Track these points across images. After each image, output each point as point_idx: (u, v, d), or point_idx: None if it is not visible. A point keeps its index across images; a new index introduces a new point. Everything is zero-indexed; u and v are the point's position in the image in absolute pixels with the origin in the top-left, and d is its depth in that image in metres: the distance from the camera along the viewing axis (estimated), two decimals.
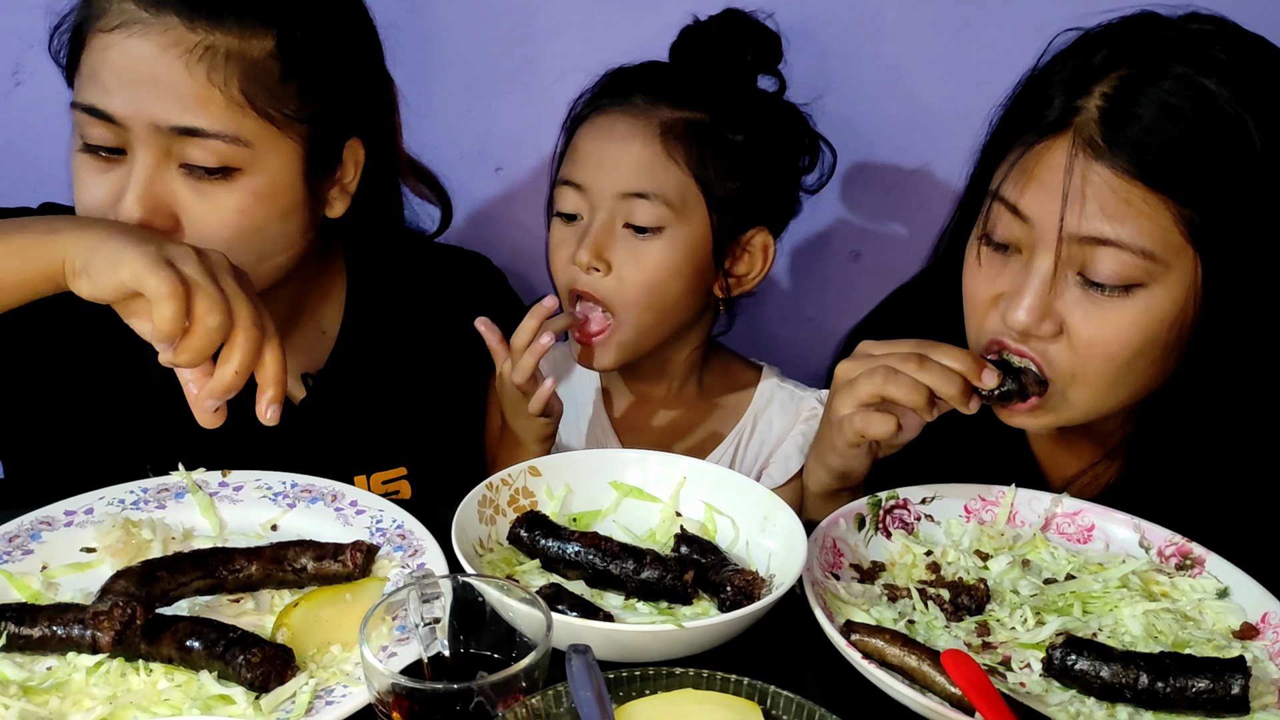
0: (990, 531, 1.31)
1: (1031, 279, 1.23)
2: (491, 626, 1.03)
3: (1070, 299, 1.23)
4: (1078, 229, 1.19)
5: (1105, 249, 1.19)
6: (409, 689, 0.93)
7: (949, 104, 1.87)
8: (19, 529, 1.22)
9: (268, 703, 1.01)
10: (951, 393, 1.22)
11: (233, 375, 1.12)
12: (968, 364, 1.23)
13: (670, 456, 1.36)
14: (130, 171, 1.30)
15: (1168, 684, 1.04)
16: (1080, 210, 1.19)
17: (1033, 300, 1.23)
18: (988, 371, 1.24)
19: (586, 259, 1.49)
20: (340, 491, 1.32)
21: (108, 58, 1.29)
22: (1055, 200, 1.20)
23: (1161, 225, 1.17)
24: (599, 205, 1.50)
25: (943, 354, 1.23)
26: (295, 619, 1.09)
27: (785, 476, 1.58)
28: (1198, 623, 1.18)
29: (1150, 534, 1.28)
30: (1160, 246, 1.18)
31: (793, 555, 1.18)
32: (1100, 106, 1.19)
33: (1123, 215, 1.17)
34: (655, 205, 1.48)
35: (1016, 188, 1.24)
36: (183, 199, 1.31)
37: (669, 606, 1.18)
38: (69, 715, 1.00)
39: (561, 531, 1.22)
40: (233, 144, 1.30)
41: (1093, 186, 1.18)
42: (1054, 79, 1.24)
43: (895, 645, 1.07)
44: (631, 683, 0.96)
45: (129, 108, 1.28)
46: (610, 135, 1.50)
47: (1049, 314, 1.23)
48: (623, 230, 1.50)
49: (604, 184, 1.49)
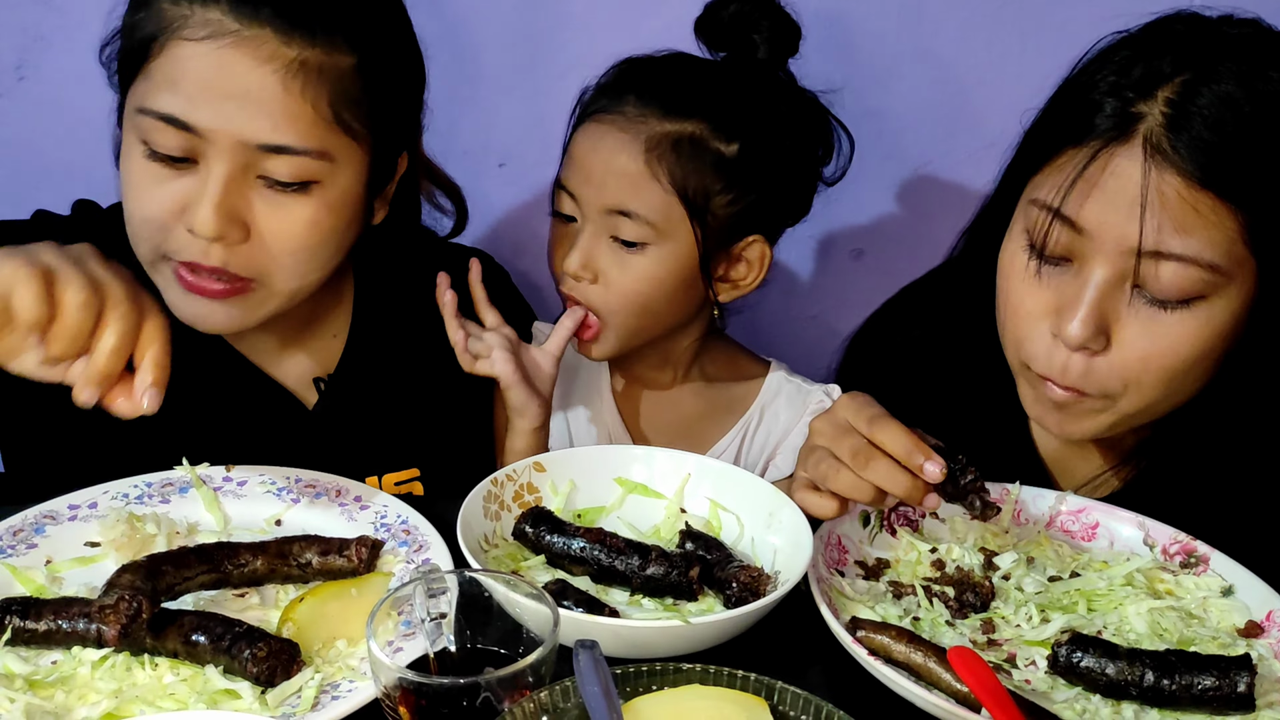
0: (995, 529, 1.31)
1: (1087, 291, 1.20)
2: (498, 622, 1.03)
3: (1125, 313, 1.20)
4: (1153, 244, 1.15)
5: (1172, 263, 1.15)
6: (416, 684, 0.93)
7: (952, 102, 1.87)
8: (23, 523, 1.22)
9: (274, 697, 1.01)
10: (898, 491, 1.15)
11: (106, 356, 1.06)
12: (910, 452, 1.15)
13: (675, 453, 1.36)
14: (205, 182, 1.27)
15: (1173, 681, 1.04)
16: (1154, 222, 1.15)
17: (1088, 313, 1.19)
18: (929, 464, 1.15)
19: (575, 268, 1.52)
20: (344, 487, 1.32)
21: (192, 67, 1.25)
22: (1117, 211, 1.16)
23: (1227, 235, 1.15)
24: (588, 216, 1.52)
25: (890, 437, 1.15)
26: (301, 614, 1.09)
27: (792, 467, 1.58)
28: (1202, 621, 1.18)
29: (1154, 532, 1.28)
30: (1225, 258, 1.15)
31: (798, 552, 1.18)
32: (1165, 112, 1.15)
33: (1191, 226, 1.14)
34: (638, 224, 1.49)
35: (1076, 199, 1.19)
36: (256, 210, 1.29)
37: (674, 603, 1.18)
38: (74, 709, 1.00)
39: (566, 527, 1.22)
40: (318, 160, 1.29)
41: (1164, 197, 1.14)
42: (1099, 83, 1.20)
43: (901, 642, 1.07)
44: (638, 678, 0.96)
45: (216, 121, 1.25)
46: (598, 148, 1.50)
47: (1104, 328, 1.20)
48: (609, 241, 1.52)
49: (592, 197, 1.51)
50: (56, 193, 1.56)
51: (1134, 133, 1.16)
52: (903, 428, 1.17)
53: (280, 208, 1.30)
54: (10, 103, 1.83)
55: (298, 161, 1.28)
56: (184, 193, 1.28)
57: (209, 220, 1.26)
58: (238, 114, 1.25)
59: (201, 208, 1.26)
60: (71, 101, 1.79)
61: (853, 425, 1.18)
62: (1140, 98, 1.17)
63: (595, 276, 1.52)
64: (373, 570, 1.18)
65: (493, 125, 1.91)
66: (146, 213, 1.30)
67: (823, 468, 1.19)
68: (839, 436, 1.19)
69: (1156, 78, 1.17)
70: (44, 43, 1.81)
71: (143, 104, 1.27)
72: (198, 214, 1.26)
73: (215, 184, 1.26)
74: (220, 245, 1.29)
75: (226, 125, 1.25)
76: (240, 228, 1.29)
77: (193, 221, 1.27)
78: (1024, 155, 1.30)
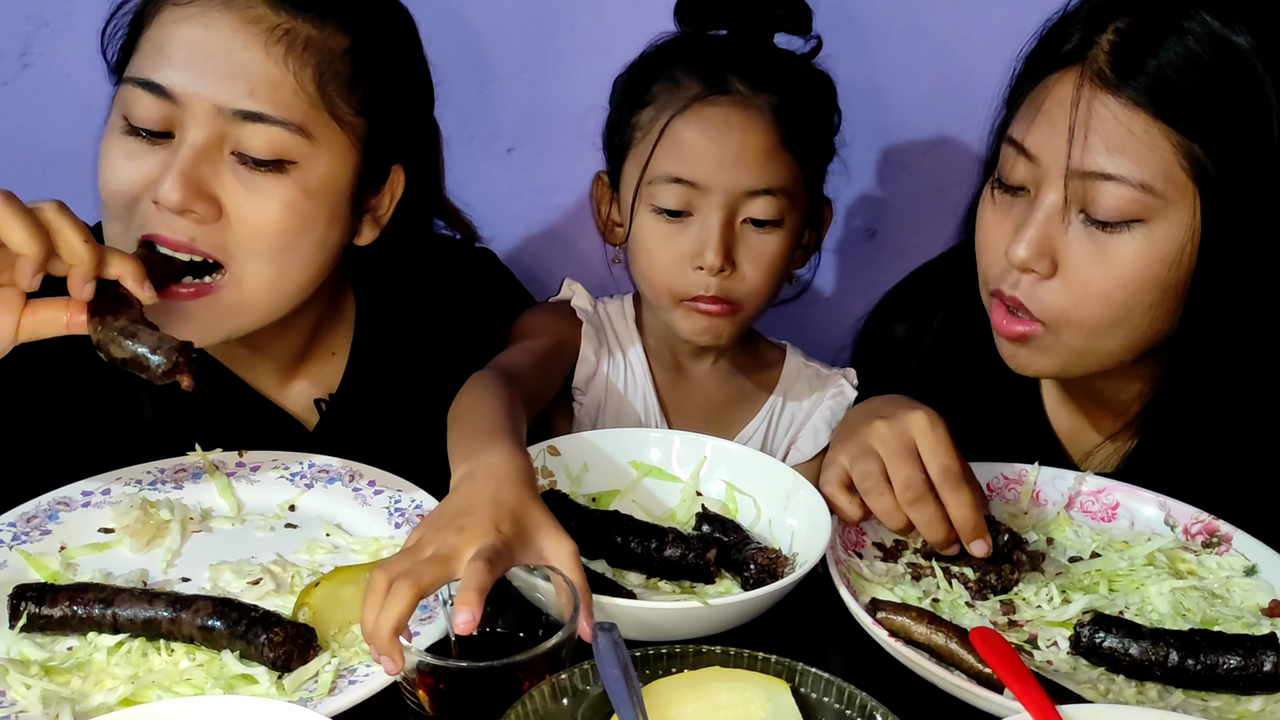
0: (1014, 510, 1.30)
1: (1035, 214, 1.22)
2: (517, 605, 1.02)
3: (1071, 237, 1.22)
4: (1081, 163, 1.18)
5: (1106, 184, 1.18)
6: (435, 667, 0.92)
7: (966, 80, 1.85)
8: (36, 509, 1.21)
9: (290, 682, 1.00)
10: (932, 540, 1.16)
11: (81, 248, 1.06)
12: (968, 528, 1.14)
13: (690, 435, 1.35)
14: (175, 153, 1.23)
15: (1198, 661, 1.03)
16: (1084, 144, 1.18)
17: (1034, 234, 1.22)
18: (978, 543, 1.15)
19: (717, 262, 1.44)
20: (358, 471, 1.32)
21: (178, 31, 1.23)
22: (1061, 136, 1.19)
23: (1162, 158, 1.16)
24: (717, 203, 1.44)
25: (955, 504, 1.14)
26: (316, 598, 1.08)
27: (814, 450, 1.57)
28: (1225, 600, 1.17)
29: (1176, 512, 1.27)
30: (1161, 180, 1.17)
31: (815, 533, 1.18)
32: (1112, 40, 1.18)
33: (1124, 147, 1.17)
34: (776, 198, 1.45)
35: (1024, 125, 1.24)
36: (229, 188, 1.25)
37: (691, 585, 1.17)
38: (90, 695, 0.99)
39: (582, 511, 1.21)
40: (294, 134, 1.25)
41: (1098, 118, 1.18)
42: (1075, 20, 1.24)
43: (922, 623, 1.06)
44: (658, 660, 0.95)
45: (192, 84, 1.22)
46: (727, 130, 1.43)
47: (1048, 251, 1.22)
48: (742, 226, 1.46)
49: (725, 181, 1.43)
50: (62, 180, 1.55)
51: (1081, 60, 1.20)
52: (971, 497, 1.14)
53: (253, 187, 1.25)
54: (15, 90, 1.82)
55: (273, 133, 1.24)
56: (156, 166, 1.24)
57: (172, 188, 1.21)
58: (216, 77, 1.22)
59: (167, 176, 1.22)
60: (77, 89, 1.78)
61: (919, 453, 1.16)
62: (1096, 31, 1.20)
63: (734, 267, 1.46)
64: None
65: (501, 111, 1.90)
66: (114, 185, 1.26)
67: (867, 483, 1.16)
68: (898, 456, 1.16)
69: (1114, 10, 1.21)
70: (49, 29, 1.80)
71: (128, 73, 1.26)
72: (163, 183, 1.22)
73: (185, 151, 1.22)
74: (188, 220, 1.23)
75: (202, 89, 1.22)
76: (209, 203, 1.23)
77: (157, 191, 1.22)
78: (1009, 99, 1.32)
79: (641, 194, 1.47)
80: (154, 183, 1.23)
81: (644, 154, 1.46)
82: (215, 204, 1.24)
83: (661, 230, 1.47)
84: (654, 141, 1.45)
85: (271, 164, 1.25)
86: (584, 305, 1.62)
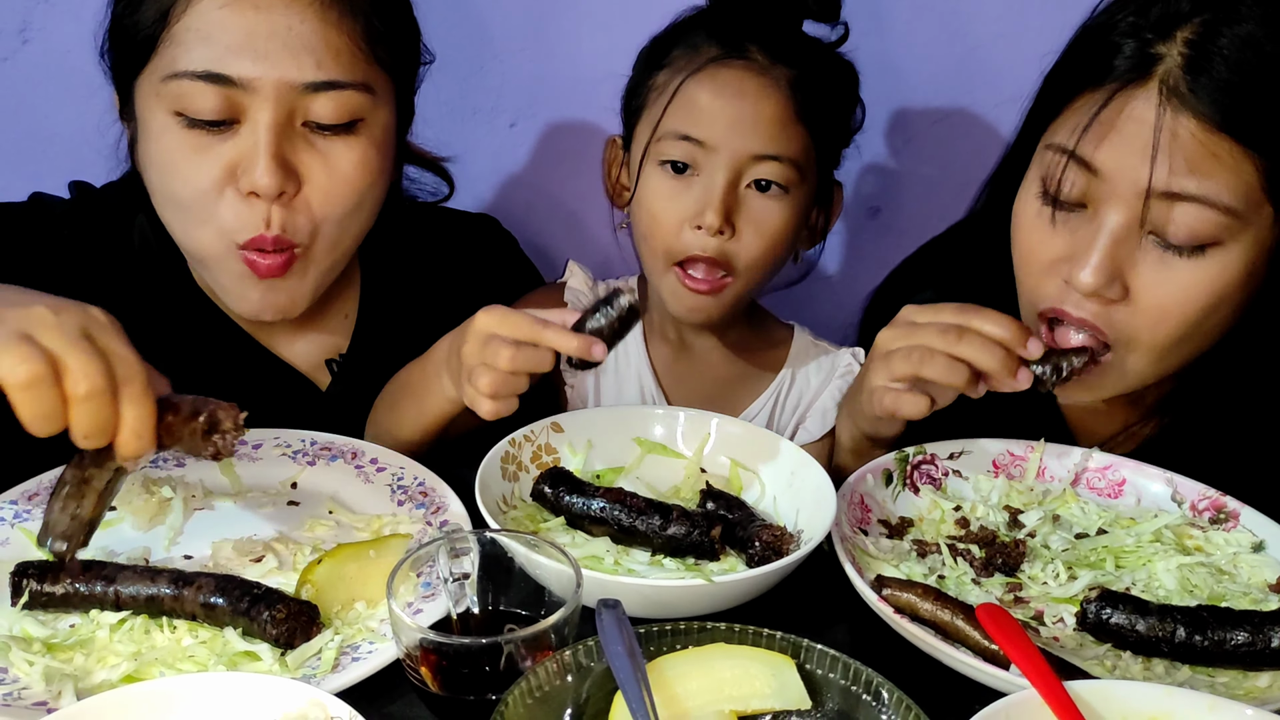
0: (1019, 487, 1.30)
1: (1100, 237, 1.17)
2: (520, 583, 1.01)
3: (1140, 259, 1.17)
4: (1164, 184, 1.13)
5: (1186, 205, 1.13)
6: (438, 644, 0.92)
7: (970, 57, 1.83)
8: (38, 487, 1.21)
9: (294, 659, 1.00)
10: (993, 366, 1.14)
11: (134, 441, 0.96)
12: (1011, 331, 1.15)
13: (695, 412, 1.34)
14: (253, 135, 1.23)
15: (1206, 637, 1.03)
16: (1166, 165, 1.13)
17: (1100, 259, 1.17)
18: (1033, 340, 1.15)
19: (716, 222, 1.43)
20: (360, 449, 1.31)
21: (225, 17, 1.22)
22: (1134, 154, 1.14)
23: (1244, 180, 1.13)
24: (723, 164, 1.43)
25: (985, 320, 1.16)
26: (319, 576, 1.08)
27: (822, 430, 1.56)
28: (1233, 577, 1.16)
29: (1183, 488, 1.26)
30: (1241, 203, 1.13)
31: (820, 511, 1.17)
32: (1184, 54, 1.13)
33: (1207, 169, 1.12)
34: (784, 167, 1.44)
35: (1091, 141, 1.17)
36: (305, 159, 1.27)
37: (696, 563, 1.17)
38: (93, 672, 0.99)
39: (586, 488, 1.21)
40: (362, 92, 1.27)
41: (1178, 139, 1.13)
42: (1118, 24, 1.19)
43: (928, 600, 1.05)
44: (663, 637, 0.95)
45: (257, 67, 1.21)
46: (741, 94, 1.43)
47: (1118, 276, 1.18)
48: (745, 190, 1.45)
49: (734, 144, 1.43)
50: (63, 157, 1.54)
51: (1151, 74, 1.15)
52: (992, 312, 1.16)
53: (330, 153, 1.28)
54: (14, 66, 1.81)
55: (344, 97, 1.26)
56: (231, 155, 1.24)
57: (268, 171, 1.22)
58: (280, 55, 1.22)
59: (258, 161, 1.23)
60: (77, 65, 1.75)
61: (933, 318, 1.18)
62: (1159, 39, 1.15)
63: (733, 230, 1.45)
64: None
65: (504, 85, 1.88)
66: (196, 186, 1.26)
67: (914, 357, 1.16)
68: (915, 331, 1.18)
69: (1175, 18, 1.15)
70: (48, 5, 1.78)
71: (172, 69, 1.23)
72: (255, 170, 1.23)
73: (266, 133, 1.23)
74: (279, 206, 1.26)
75: (269, 70, 1.22)
76: (294, 180, 1.26)
77: (252, 180, 1.23)
78: (1043, 101, 1.28)
79: (650, 151, 1.47)
80: (234, 172, 1.25)
81: (656, 114, 1.47)
82: (298, 179, 1.27)
83: (666, 187, 1.46)
84: (667, 101, 1.45)
85: (343, 127, 1.28)
86: (578, 286, 1.62)
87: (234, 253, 1.29)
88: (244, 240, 1.28)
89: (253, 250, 1.28)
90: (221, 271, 1.33)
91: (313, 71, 1.23)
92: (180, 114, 1.24)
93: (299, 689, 0.88)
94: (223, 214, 1.27)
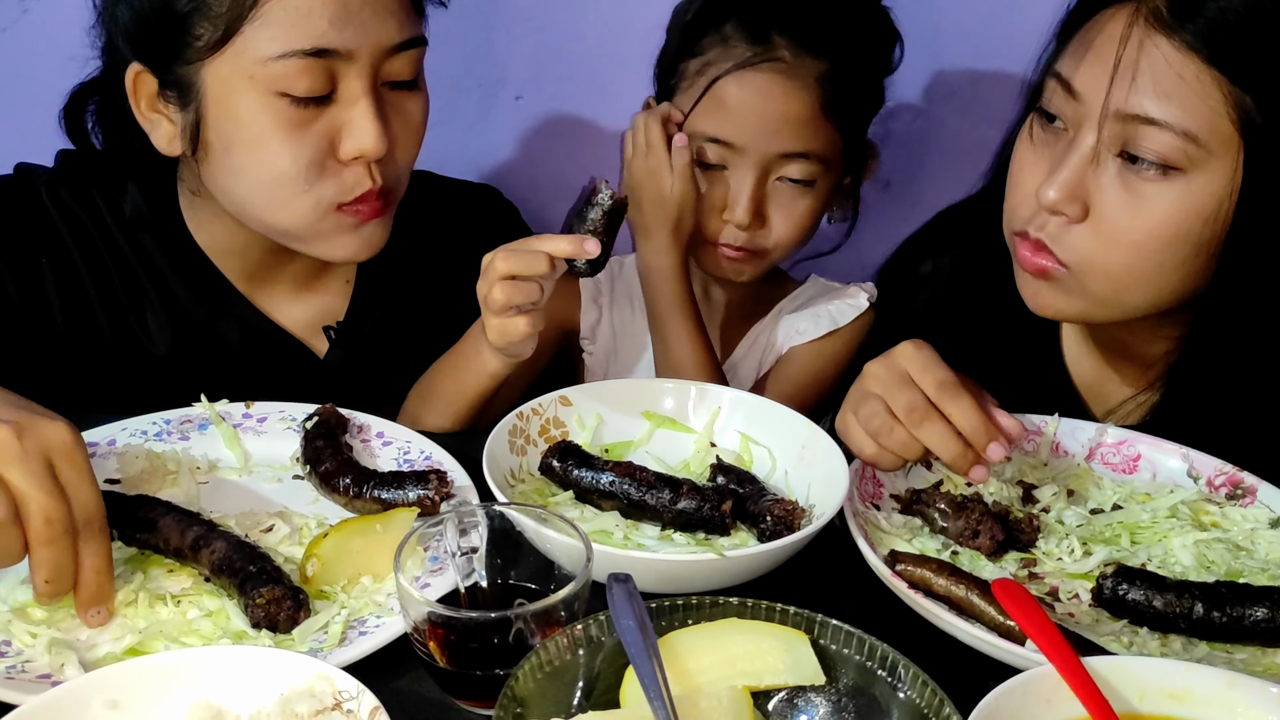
0: (1033, 462, 1.28)
1: (1070, 156, 1.18)
2: (529, 557, 1.00)
3: (1105, 181, 1.18)
4: (1125, 105, 1.14)
5: (1149, 129, 1.13)
6: (447, 618, 0.90)
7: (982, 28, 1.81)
8: None
9: (299, 633, 0.99)
10: (948, 459, 1.12)
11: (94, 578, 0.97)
12: (978, 428, 1.11)
13: (706, 386, 1.33)
14: (355, 102, 1.26)
15: (1224, 613, 1.01)
16: (1130, 85, 1.13)
17: (1067, 175, 1.18)
18: (994, 446, 1.11)
19: (746, 219, 1.51)
20: (366, 423, 1.30)
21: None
22: (1106, 73, 1.15)
23: (1211, 107, 1.12)
24: (752, 164, 1.50)
25: (957, 406, 1.11)
26: (325, 549, 1.06)
27: (816, 332, 1.62)
28: (1250, 553, 1.15)
29: (1199, 463, 1.25)
30: (1206, 131, 1.12)
31: (833, 485, 1.15)
32: None
33: (1172, 92, 1.12)
34: (811, 164, 1.50)
35: (1071, 61, 1.20)
36: (390, 117, 1.31)
37: (706, 538, 1.15)
38: (97, 645, 0.98)
39: (595, 461, 1.19)
40: (423, 46, 1.33)
41: (1148, 59, 1.13)
42: None
43: (943, 575, 1.04)
44: (674, 612, 0.93)
45: (358, 38, 1.24)
46: (769, 96, 1.47)
47: (1080, 195, 1.18)
48: (775, 184, 1.52)
49: (762, 145, 1.48)
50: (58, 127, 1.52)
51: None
52: (974, 401, 1.12)
53: (403, 108, 1.34)
54: (14, 36, 1.79)
55: (416, 54, 1.32)
56: (330, 124, 1.27)
57: (378, 137, 1.27)
58: (372, 22, 1.25)
59: (367, 129, 1.27)
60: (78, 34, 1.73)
61: (914, 380, 1.14)
62: None
63: (762, 223, 1.53)
64: None
65: (509, 58, 1.86)
66: (300, 162, 1.27)
67: (875, 423, 1.14)
68: (896, 388, 1.14)
69: None
70: None
71: (278, 50, 1.22)
72: (363, 137, 1.27)
73: (368, 100, 1.27)
74: (378, 162, 1.30)
75: (367, 38, 1.25)
76: (387, 139, 1.29)
77: (359, 146, 1.27)
78: (1059, 34, 1.27)
79: None
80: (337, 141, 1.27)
81: (686, 104, 1.52)
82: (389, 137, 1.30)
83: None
84: (696, 97, 1.49)
85: (410, 81, 1.32)
86: None
87: (330, 215, 1.32)
88: (349, 200, 1.31)
89: (357, 204, 1.32)
90: (316, 234, 1.34)
91: (398, 33, 1.28)
92: (284, 94, 1.24)
93: (305, 663, 0.87)
94: (325, 184, 1.29)
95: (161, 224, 1.41)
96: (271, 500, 1.19)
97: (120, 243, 1.42)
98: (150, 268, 1.43)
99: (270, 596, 0.99)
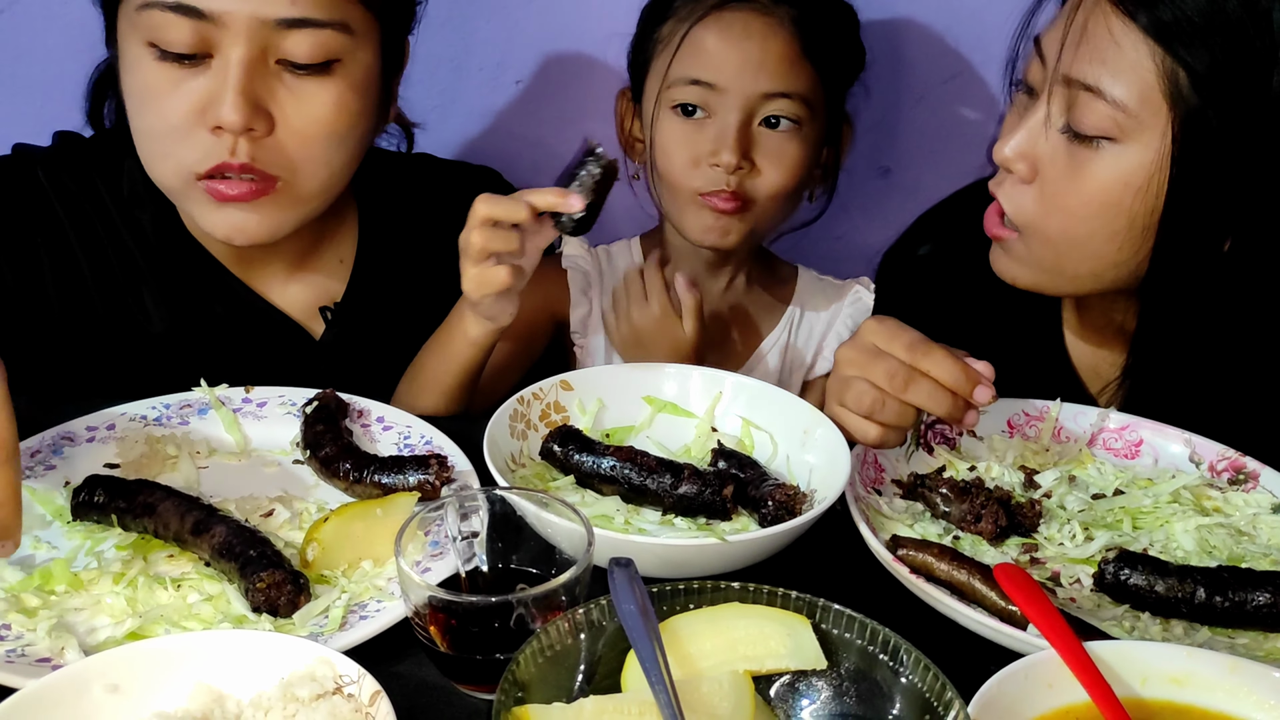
0: (1034, 447, 1.28)
1: (1029, 118, 1.22)
2: (530, 542, 1.00)
3: (1051, 145, 1.21)
4: (1070, 70, 1.17)
5: (1087, 94, 1.16)
6: (448, 602, 0.90)
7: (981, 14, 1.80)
8: (40, 444, 1.19)
9: (300, 617, 0.99)
10: (941, 412, 1.14)
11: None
12: (960, 378, 1.13)
13: (707, 370, 1.32)
14: (224, 71, 1.22)
15: (1226, 598, 1.01)
16: (1074, 51, 1.16)
17: (1020, 136, 1.22)
18: (981, 389, 1.14)
19: (733, 159, 1.48)
20: (366, 408, 1.29)
21: None
22: (1059, 41, 1.18)
23: (1143, 77, 1.13)
24: (735, 105, 1.49)
25: (935, 364, 1.14)
26: (325, 534, 1.06)
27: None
28: (1252, 538, 1.15)
29: (1201, 449, 1.25)
30: (1137, 101, 1.14)
31: (834, 470, 1.15)
32: None
33: (1107, 59, 1.14)
34: (794, 103, 1.49)
35: (1046, 30, 1.22)
36: (279, 98, 1.25)
37: (707, 522, 1.15)
38: (97, 630, 0.98)
39: (596, 446, 1.19)
40: (340, 32, 1.25)
41: (1094, 24, 1.15)
42: None
43: (944, 560, 1.04)
44: (676, 596, 0.93)
45: (229, 2, 1.20)
46: (747, 35, 1.47)
47: (1029, 156, 1.21)
48: (758, 128, 1.51)
49: (744, 84, 1.48)
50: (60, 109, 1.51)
51: None
52: (946, 352, 1.14)
53: (303, 93, 1.26)
54: (10, 18, 1.78)
55: (319, 36, 1.23)
56: (203, 91, 1.23)
57: (235, 108, 1.21)
58: None
59: (226, 97, 1.21)
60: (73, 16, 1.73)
61: (885, 350, 1.15)
62: None
63: (751, 165, 1.51)
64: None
65: (510, 42, 1.85)
66: (167, 121, 1.25)
67: (866, 401, 1.15)
68: (870, 362, 1.15)
69: None
70: None
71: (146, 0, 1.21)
72: (222, 105, 1.22)
73: (236, 69, 1.21)
74: (246, 140, 1.24)
75: (242, 5, 1.19)
76: (265, 118, 1.25)
77: (218, 115, 1.22)
78: None
79: (662, 98, 1.52)
80: (206, 108, 1.23)
81: (665, 63, 1.51)
82: (270, 118, 1.25)
83: (680, 130, 1.51)
84: (674, 49, 1.49)
85: (318, 66, 1.25)
86: (574, 252, 1.66)
87: (194, 184, 1.28)
88: (204, 170, 1.26)
89: (217, 178, 1.27)
90: (187, 200, 1.32)
91: (286, 8, 1.21)
92: (153, 45, 1.23)
93: (306, 647, 0.87)
94: (187, 148, 1.26)
95: (158, 203, 1.40)
96: (271, 485, 1.18)
97: (117, 222, 1.42)
98: (147, 247, 1.42)
99: (271, 581, 0.99)
